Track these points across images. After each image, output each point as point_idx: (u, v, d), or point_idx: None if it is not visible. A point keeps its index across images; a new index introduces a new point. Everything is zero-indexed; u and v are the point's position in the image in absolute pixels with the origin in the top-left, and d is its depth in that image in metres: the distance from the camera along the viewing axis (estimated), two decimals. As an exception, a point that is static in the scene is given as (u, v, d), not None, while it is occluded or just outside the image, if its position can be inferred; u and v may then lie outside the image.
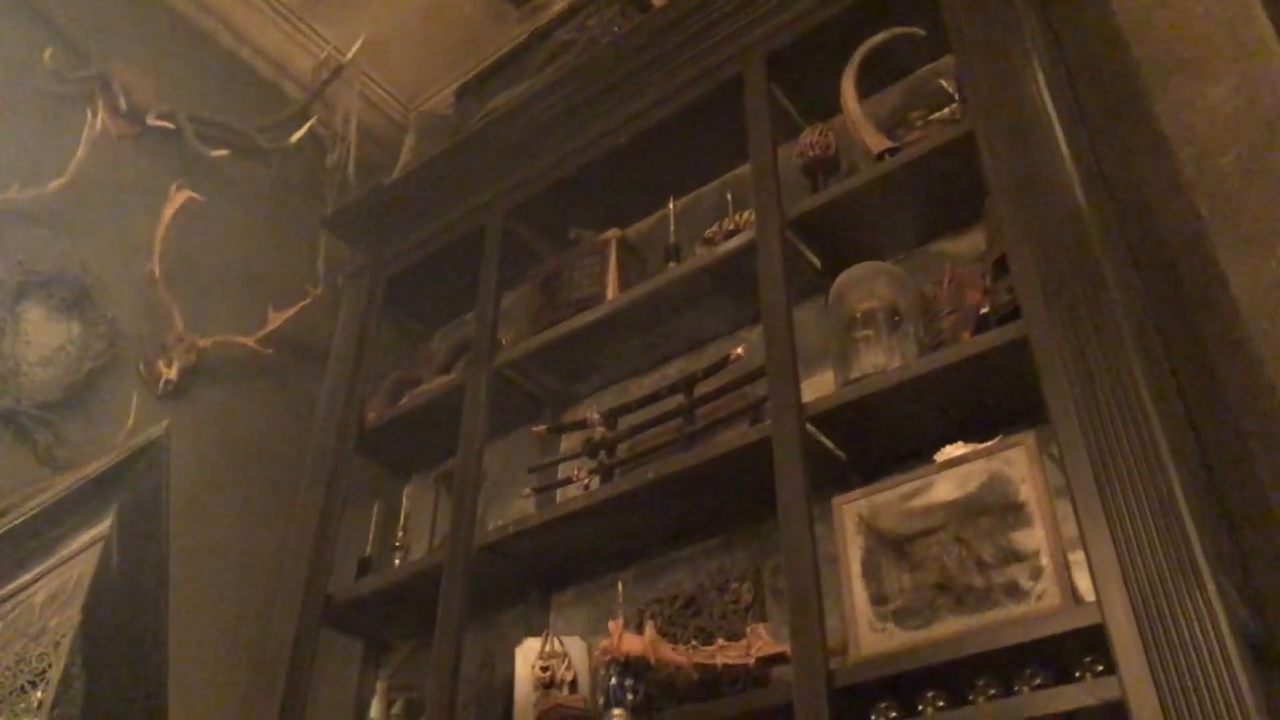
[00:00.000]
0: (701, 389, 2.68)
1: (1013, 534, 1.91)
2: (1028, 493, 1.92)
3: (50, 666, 1.86)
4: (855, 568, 2.06)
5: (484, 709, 2.71)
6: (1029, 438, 1.99)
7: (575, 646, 2.60)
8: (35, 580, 1.95)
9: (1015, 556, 1.89)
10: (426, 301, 3.67)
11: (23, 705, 1.82)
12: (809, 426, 2.27)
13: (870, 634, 1.98)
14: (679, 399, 2.69)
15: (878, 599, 2.02)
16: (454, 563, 2.75)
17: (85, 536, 2.02)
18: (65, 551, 1.99)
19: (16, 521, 1.95)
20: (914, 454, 2.26)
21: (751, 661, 2.18)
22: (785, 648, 2.14)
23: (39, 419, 2.84)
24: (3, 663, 1.86)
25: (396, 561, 3.05)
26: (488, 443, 3.01)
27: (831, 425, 2.30)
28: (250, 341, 3.46)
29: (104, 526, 2.03)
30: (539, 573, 2.86)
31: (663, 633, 2.38)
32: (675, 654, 2.27)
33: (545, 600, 2.90)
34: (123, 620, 2.05)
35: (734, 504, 2.56)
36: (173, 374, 3.20)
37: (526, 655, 2.59)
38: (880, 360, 2.32)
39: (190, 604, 2.85)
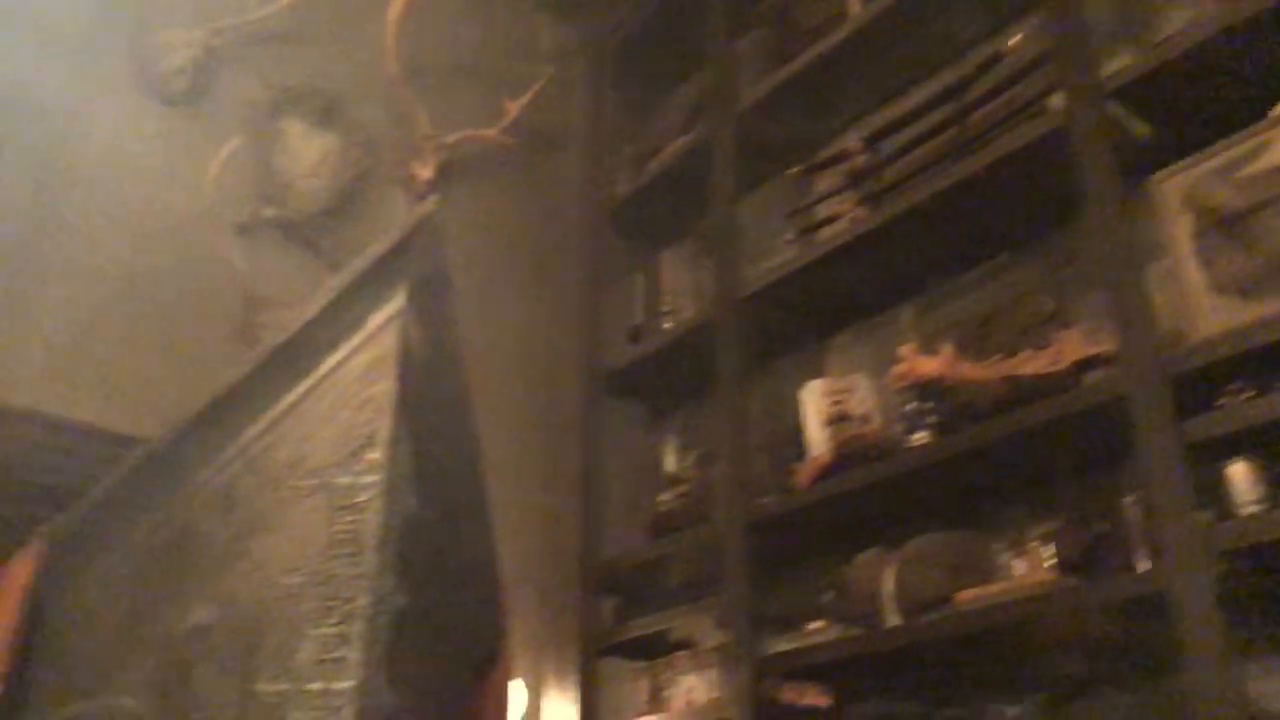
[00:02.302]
0: (972, 96, 2.43)
1: (1387, 178, 1.63)
2: (1407, 124, 1.61)
3: (378, 429, 1.97)
4: (1184, 247, 1.84)
5: (776, 452, 2.71)
6: (1404, 61, 1.66)
7: (862, 382, 2.53)
8: (349, 356, 2.06)
9: (1392, 203, 1.61)
10: (657, 65, 3.52)
11: (360, 466, 1.95)
12: (1109, 104, 2.01)
13: (1209, 314, 1.77)
14: (947, 110, 2.46)
15: (1212, 279, 1.80)
16: (723, 315, 2.72)
17: (384, 313, 2.09)
18: (369, 328, 2.08)
19: (324, 301, 2.05)
20: (1237, 125, 1.95)
21: (1064, 366, 2.03)
22: (1103, 347, 1.97)
23: (320, 227, 2.98)
24: (335, 431, 1.99)
25: (666, 325, 3.06)
26: (741, 199, 2.91)
27: (1136, 99, 2.03)
28: (493, 134, 3.46)
29: (398, 302, 2.09)
30: (812, 317, 2.78)
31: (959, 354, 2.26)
32: (977, 370, 2.15)
33: (822, 344, 2.83)
34: (431, 389, 2.15)
35: (1022, 212, 2.35)
36: (429, 173, 3.26)
37: (813, 395, 2.55)
38: (1189, 16, 2.00)
39: (480, 386, 2.98)
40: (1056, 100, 2.15)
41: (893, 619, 2.11)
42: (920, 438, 2.20)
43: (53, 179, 2.66)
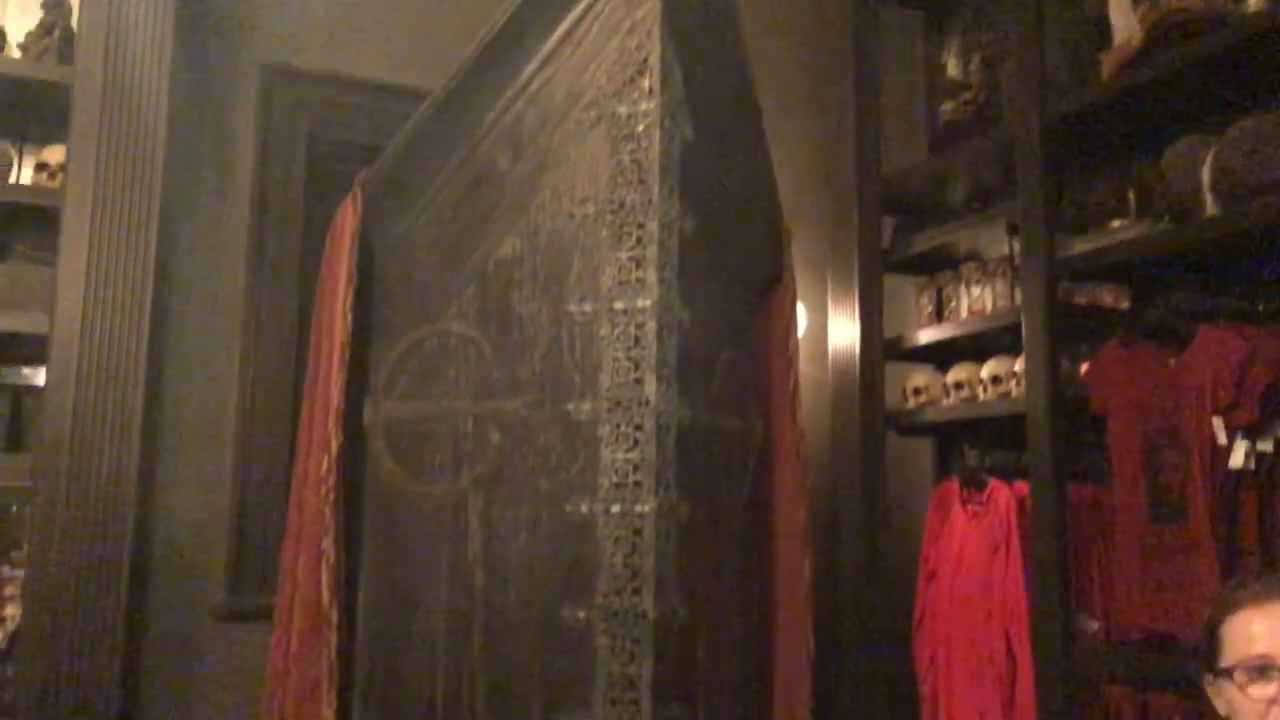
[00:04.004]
0: None
1: None
2: None
3: (649, 54, 1.95)
4: None
5: (1073, 45, 2.45)
6: None
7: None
8: (613, -20, 2.00)
9: None
10: None
11: (636, 94, 1.95)
12: None
13: None
14: None
15: None
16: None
17: (641, -70, 2.00)
18: (627, -52, 2.00)
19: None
20: None
21: None
22: None
23: None
24: (608, 60, 1.98)
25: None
26: None
27: None
28: None
29: (653, -86, 1.98)
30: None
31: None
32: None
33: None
34: (697, 8, 2.07)
35: None
36: None
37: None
38: None
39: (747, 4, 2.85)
40: None
41: (1210, 208, 1.95)
42: (1258, 1, 1.90)
43: None
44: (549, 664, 1.82)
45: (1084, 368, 2.34)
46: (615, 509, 1.81)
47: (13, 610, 2.16)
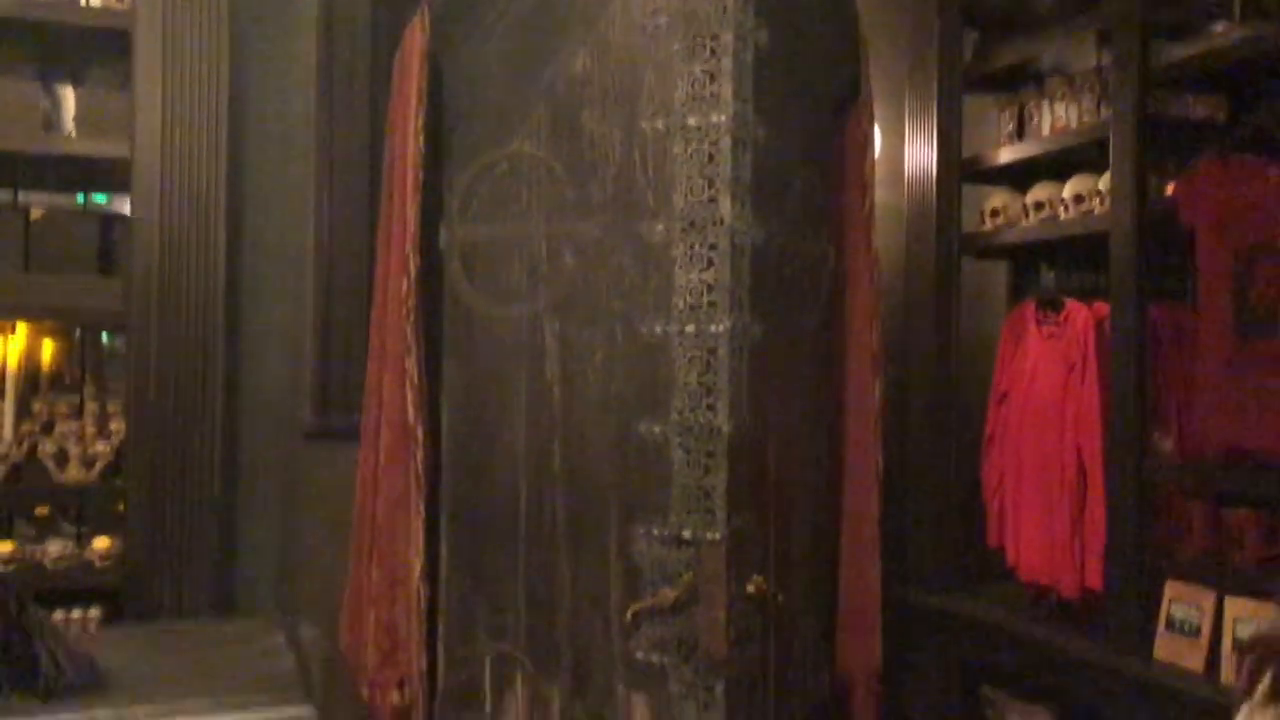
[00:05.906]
0: None
1: None
2: None
3: None
4: None
5: None
6: None
7: None
8: None
9: None
10: None
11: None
12: None
13: None
14: None
15: None
16: None
17: None
18: None
19: None
20: None
21: None
22: None
23: None
24: None
25: None
26: None
27: None
28: None
29: None
30: None
31: None
32: None
33: None
34: None
35: None
36: None
37: None
38: None
39: None
40: None
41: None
42: None
43: None
44: (627, 476, 1.88)
45: (1170, 186, 2.26)
46: (689, 329, 1.83)
47: (116, 426, 2.28)
